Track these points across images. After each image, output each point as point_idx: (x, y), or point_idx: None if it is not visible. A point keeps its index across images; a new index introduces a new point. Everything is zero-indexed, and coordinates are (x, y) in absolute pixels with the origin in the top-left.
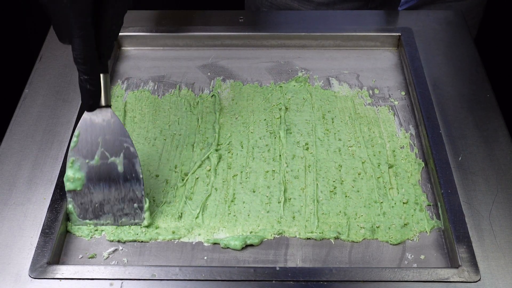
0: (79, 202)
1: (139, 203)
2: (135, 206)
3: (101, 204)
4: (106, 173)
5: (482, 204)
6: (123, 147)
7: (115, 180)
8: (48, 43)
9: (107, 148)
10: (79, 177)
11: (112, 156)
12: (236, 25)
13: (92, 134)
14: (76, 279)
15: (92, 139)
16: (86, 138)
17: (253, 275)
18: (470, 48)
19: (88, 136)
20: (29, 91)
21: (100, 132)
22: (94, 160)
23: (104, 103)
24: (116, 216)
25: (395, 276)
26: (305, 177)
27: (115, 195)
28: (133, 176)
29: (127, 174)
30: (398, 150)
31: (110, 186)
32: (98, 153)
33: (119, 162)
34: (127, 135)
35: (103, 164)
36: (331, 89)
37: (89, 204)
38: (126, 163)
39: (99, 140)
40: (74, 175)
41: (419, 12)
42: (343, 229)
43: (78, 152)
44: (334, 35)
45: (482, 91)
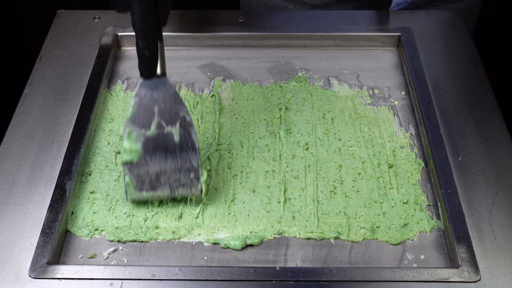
0: (136, 173)
1: (195, 173)
2: (191, 176)
3: (157, 175)
4: (162, 143)
5: (482, 204)
6: (179, 116)
7: (171, 150)
8: (48, 43)
9: (163, 117)
10: (136, 148)
11: (168, 125)
12: (236, 25)
13: (148, 103)
14: (76, 279)
15: (148, 108)
16: (142, 108)
17: (253, 275)
18: (470, 48)
19: (144, 105)
20: (29, 91)
21: (155, 101)
22: (150, 130)
23: (160, 72)
24: (173, 187)
25: (395, 276)
26: (305, 177)
27: (171, 165)
28: (189, 146)
29: (183, 143)
30: (398, 150)
31: (167, 157)
32: (154, 122)
33: (175, 132)
34: (183, 104)
35: (160, 134)
36: (331, 89)
37: (145, 176)
38: (182, 132)
39: (155, 109)
40: (131, 146)
41: (419, 12)
42: (343, 229)
43: (134, 122)
44: (334, 35)
45: (482, 91)
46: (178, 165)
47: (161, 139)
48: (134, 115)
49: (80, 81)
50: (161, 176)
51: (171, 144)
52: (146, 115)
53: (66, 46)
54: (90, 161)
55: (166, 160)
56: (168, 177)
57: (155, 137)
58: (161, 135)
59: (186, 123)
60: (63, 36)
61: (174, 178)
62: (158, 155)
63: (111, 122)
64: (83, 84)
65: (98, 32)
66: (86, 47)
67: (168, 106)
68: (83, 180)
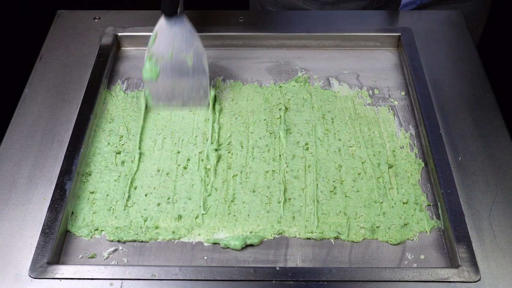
0: (154, 88)
1: (204, 89)
2: (201, 92)
3: (172, 90)
4: (178, 66)
5: (482, 204)
6: (193, 45)
7: (185, 72)
8: (48, 43)
9: (179, 46)
10: (156, 69)
11: (183, 52)
12: (236, 25)
13: (168, 35)
14: (76, 279)
15: (167, 39)
16: (162, 38)
17: (253, 275)
18: (470, 48)
19: (164, 37)
20: (29, 91)
21: (174, 34)
22: (168, 55)
23: (179, 10)
24: (185, 99)
25: (395, 276)
26: (305, 177)
27: (185, 84)
28: (200, 69)
29: (195, 67)
30: (398, 150)
31: (181, 77)
32: (172, 50)
33: (189, 58)
34: (197, 36)
35: (176, 60)
36: (331, 89)
37: (162, 90)
38: (195, 59)
39: (173, 40)
40: (151, 67)
41: (419, 12)
42: (343, 229)
43: (155, 49)
44: (334, 35)
45: (482, 91)
46: (190, 84)
47: (177, 63)
48: (155, 44)
49: (80, 81)
50: (176, 91)
51: (185, 67)
52: (165, 44)
53: (66, 46)
54: (90, 161)
55: (180, 79)
56: (181, 92)
57: (172, 61)
58: (177, 60)
59: (199, 51)
60: (63, 36)
61: (187, 93)
62: (174, 75)
63: (111, 122)
64: (83, 84)
65: (98, 32)
66: (86, 47)
67: (184, 38)
68: (83, 180)
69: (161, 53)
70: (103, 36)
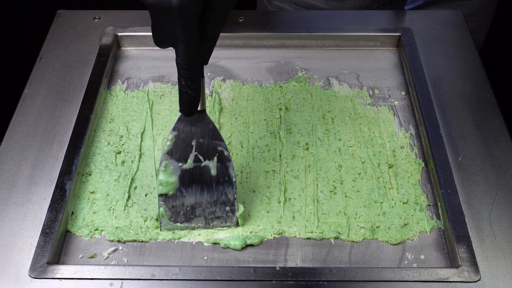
0: (171, 205)
1: (231, 206)
2: (227, 209)
3: (192, 208)
4: (199, 176)
5: (482, 204)
6: (216, 150)
7: (207, 183)
8: (48, 43)
9: (200, 151)
10: (172, 181)
11: (205, 159)
12: (236, 25)
13: (186, 137)
14: (76, 279)
15: (186, 142)
16: (180, 142)
17: (253, 275)
18: (470, 48)
19: (182, 139)
20: (29, 91)
21: (194, 136)
22: (187, 163)
23: (200, 108)
24: (208, 219)
25: (395, 276)
26: (305, 177)
27: (207, 198)
28: (226, 180)
29: (220, 177)
30: (398, 150)
31: (203, 190)
32: (192, 156)
33: (213, 166)
34: (222, 139)
35: (196, 168)
36: (331, 89)
37: (180, 208)
38: (219, 166)
39: (193, 143)
40: (167, 179)
41: (419, 12)
42: (343, 229)
43: (171, 155)
44: (334, 35)
45: (482, 91)
46: (214, 198)
47: (198, 172)
48: (172, 148)
49: (80, 81)
50: (197, 208)
51: (208, 177)
52: (184, 149)
53: (66, 46)
54: (90, 161)
55: (202, 192)
56: (203, 209)
57: (192, 170)
58: (198, 169)
59: (224, 157)
60: (63, 36)
61: (210, 210)
62: (194, 188)
63: (111, 122)
64: (83, 84)
65: (98, 32)
66: (86, 47)
67: (206, 141)
68: (83, 180)
69: (178, 160)
70: (103, 36)
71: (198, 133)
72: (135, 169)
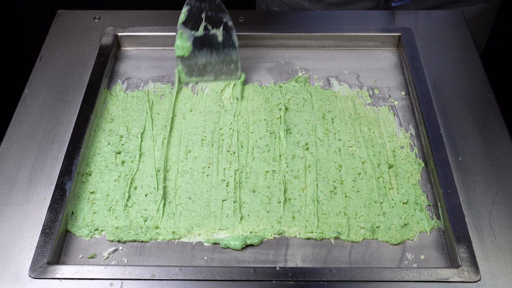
0: (187, 64)
1: (235, 64)
2: (231, 66)
3: (204, 65)
4: (208, 41)
5: (482, 204)
6: (222, 21)
7: (216, 47)
8: (48, 43)
9: (209, 22)
10: (187, 46)
11: (213, 28)
12: (236, 25)
13: (197, 11)
14: (76, 279)
15: (197, 15)
16: (192, 14)
17: (253, 275)
18: (470, 48)
19: (194, 12)
20: (29, 91)
21: (203, 9)
22: (198, 31)
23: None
24: (217, 74)
25: (395, 276)
26: (305, 177)
27: (216, 58)
28: (230, 44)
29: (226, 42)
30: (398, 150)
31: (212, 52)
32: (202, 25)
33: (219, 33)
34: (226, 12)
35: (206, 35)
36: (331, 89)
37: (195, 65)
38: (224, 34)
39: (203, 15)
40: (182, 44)
41: (419, 12)
42: (343, 229)
43: (186, 25)
44: (334, 35)
45: (482, 91)
46: (221, 58)
47: (208, 38)
48: (186, 20)
49: (80, 81)
50: (207, 66)
51: (216, 42)
52: (195, 20)
53: (66, 46)
54: (90, 161)
55: (211, 54)
56: (213, 67)
57: (203, 37)
58: (208, 35)
59: (228, 27)
60: (63, 36)
61: (218, 67)
62: (205, 50)
63: (111, 122)
64: (83, 84)
65: (98, 32)
66: (86, 47)
67: (214, 14)
68: (83, 180)
69: (191, 29)
70: (103, 36)
71: (206, 7)
72: (135, 169)
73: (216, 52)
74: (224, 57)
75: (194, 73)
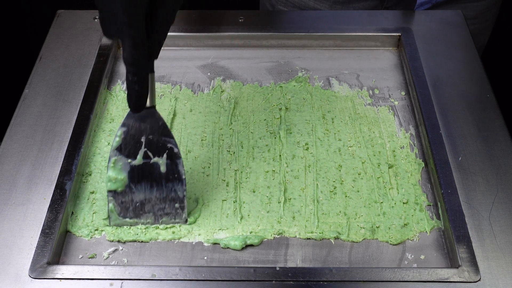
0: (120, 201)
1: (180, 203)
2: (176, 206)
3: (142, 203)
4: (148, 173)
5: (482, 204)
6: (166, 147)
7: (157, 180)
8: (48, 43)
9: (150, 148)
10: (121, 178)
11: (155, 156)
12: (236, 25)
13: (136, 134)
14: (76, 279)
15: (135, 139)
16: (129, 138)
17: (253, 275)
18: (470, 48)
19: (131, 136)
20: (29, 91)
21: (143, 132)
22: (136, 160)
23: (149, 104)
24: (157, 215)
25: (395, 276)
26: (305, 177)
27: (156, 195)
28: (175, 177)
29: (170, 174)
30: (398, 150)
31: (152, 186)
32: (141, 153)
33: (162, 163)
34: (171, 136)
35: (146, 164)
36: (331, 89)
37: (130, 203)
38: (169, 163)
39: (142, 140)
40: (116, 176)
41: (419, 12)
42: (343, 229)
43: (121, 151)
44: (334, 35)
45: (482, 91)
46: (163, 195)
47: (147, 169)
48: (121, 144)
49: (80, 81)
50: (146, 205)
51: (157, 174)
52: (133, 145)
53: (66, 46)
54: (90, 161)
55: (151, 189)
56: (152, 206)
57: (141, 167)
58: (148, 165)
59: (174, 154)
60: (63, 36)
61: (159, 207)
62: (144, 184)
63: (111, 122)
64: (83, 84)
65: (98, 32)
66: (86, 47)
67: (156, 138)
68: (83, 180)
69: (127, 156)
70: (103, 36)
71: (147, 129)
72: None
73: (156, 187)
74: (168, 193)
75: (129, 213)
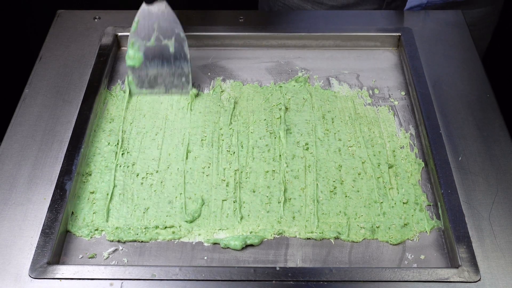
0: (137, 74)
1: (186, 77)
2: (183, 79)
3: (155, 77)
4: (160, 52)
5: (482, 204)
6: (174, 32)
7: (167, 58)
8: (48, 43)
9: (161, 32)
10: (139, 56)
11: (165, 39)
12: (236, 25)
13: (149, 21)
14: (76, 279)
15: (149, 25)
16: (144, 24)
17: (253, 275)
18: (470, 48)
19: (146, 22)
20: (29, 91)
21: (155, 20)
22: (150, 41)
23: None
24: (167, 87)
25: (395, 276)
26: (305, 177)
27: (166, 70)
28: (182, 56)
29: (177, 54)
30: (398, 150)
31: (163, 63)
32: (154, 36)
33: (171, 44)
34: (178, 23)
35: (158, 45)
36: (331, 89)
37: (145, 77)
38: (176, 45)
39: (155, 26)
40: (134, 54)
41: (419, 12)
42: (343, 229)
43: (138, 35)
44: (334, 35)
45: (482, 91)
46: (172, 71)
47: (159, 49)
48: (137, 30)
49: (80, 81)
50: (158, 78)
51: (167, 53)
52: (147, 30)
53: (66, 46)
54: (90, 161)
55: (162, 66)
56: (163, 79)
57: (154, 47)
58: (159, 46)
59: (180, 38)
60: (63, 36)
61: (169, 80)
62: (156, 62)
63: (111, 122)
64: (83, 84)
65: (98, 32)
66: (86, 47)
67: (166, 24)
68: (83, 180)
69: (143, 39)
70: (103, 36)
71: (159, 17)
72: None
73: (167, 64)
74: (175, 69)
75: (145, 84)
